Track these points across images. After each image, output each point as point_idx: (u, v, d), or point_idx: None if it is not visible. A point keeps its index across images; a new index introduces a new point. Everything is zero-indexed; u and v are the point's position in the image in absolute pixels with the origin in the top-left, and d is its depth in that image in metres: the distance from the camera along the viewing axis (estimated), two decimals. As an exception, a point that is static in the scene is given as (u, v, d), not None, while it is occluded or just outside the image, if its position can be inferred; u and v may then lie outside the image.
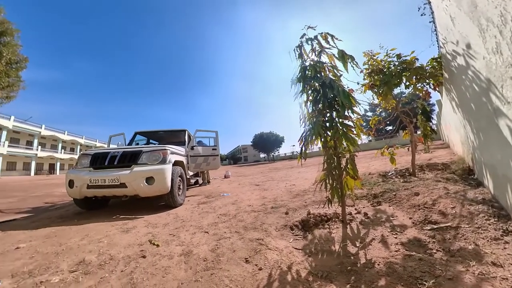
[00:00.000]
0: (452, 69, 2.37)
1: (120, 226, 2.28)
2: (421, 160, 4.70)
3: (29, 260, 1.54)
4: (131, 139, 5.07)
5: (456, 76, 2.30)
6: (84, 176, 2.81)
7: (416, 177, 3.14)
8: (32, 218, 3.00)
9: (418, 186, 2.51)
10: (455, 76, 2.35)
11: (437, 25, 2.94)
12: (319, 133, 1.72)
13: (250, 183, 5.76)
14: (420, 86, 3.01)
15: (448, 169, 3.41)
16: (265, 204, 2.84)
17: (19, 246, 1.82)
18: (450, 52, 2.31)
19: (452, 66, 2.32)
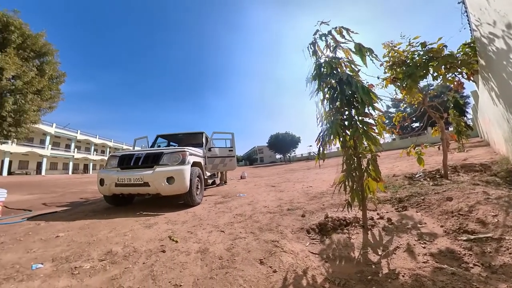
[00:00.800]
0: (490, 54, 2.10)
1: (143, 221, 2.43)
2: (454, 161, 4.27)
3: (66, 248, 1.73)
4: (153, 141, 5.40)
5: (495, 62, 2.04)
6: (112, 175, 3.07)
7: (448, 179, 2.85)
8: (69, 211, 3.37)
9: (451, 190, 2.27)
10: (493, 62, 2.08)
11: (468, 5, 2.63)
12: (337, 132, 1.64)
13: (266, 184, 5.74)
14: (450, 76, 2.69)
15: (488, 171, 3.04)
16: (281, 206, 2.81)
17: (59, 235, 2.06)
18: (485, 35, 2.05)
19: (490, 51, 2.06)
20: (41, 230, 2.28)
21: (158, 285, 1.17)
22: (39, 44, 9.37)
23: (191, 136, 5.57)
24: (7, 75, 7.85)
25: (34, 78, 8.89)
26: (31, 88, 8.82)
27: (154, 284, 1.18)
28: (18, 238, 2.02)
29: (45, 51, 9.73)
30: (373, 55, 1.68)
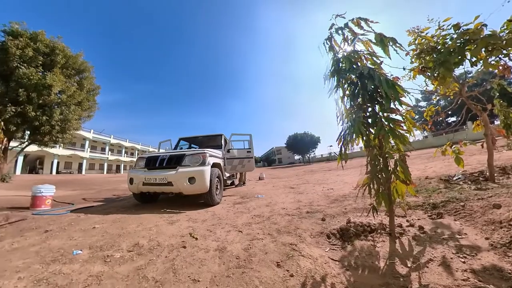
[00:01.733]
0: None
1: (167, 218, 2.58)
2: (503, 160, 3.72)
3: (101, 238, 1.93)
4: (176, 144, 5.71)
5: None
6: (140, 175, 3.33)
7: (495, 183, 2.47)
8: (104, 206, 3.74)
9: (499, 195, 1.97)
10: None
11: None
12: (360, 131, 1.52)
13: (285, 185, 5.66)
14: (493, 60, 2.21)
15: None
16: (300, 208, 2.74)
17: (95, 226, 2.30)
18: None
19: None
20: (81, 221, 2.57)
21: (178, 279, 1.22)
22: (78, 63, 11.16)
23: (211, 138, 5.76)
24: (55, 91, 9.51)
25: (75, 92, 10.65)
26: (73, 100, 10.61)
27: (175, 277, 1.24)
28: (63, 227, 2.31)
29: (83, 68, 11.52)
30: (396, 44, 1.52)
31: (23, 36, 9.21)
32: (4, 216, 2.80)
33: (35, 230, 2.26)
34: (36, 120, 9.33)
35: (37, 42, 9.46)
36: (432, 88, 2.82)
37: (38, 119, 9.38)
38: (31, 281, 1.24)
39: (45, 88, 9.10)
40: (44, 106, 9.59)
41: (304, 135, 39.73)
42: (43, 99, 9.22)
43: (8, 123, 8.55)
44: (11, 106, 8.55)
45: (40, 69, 9.43)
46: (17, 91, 8.63)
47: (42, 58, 9.46)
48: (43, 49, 9.54)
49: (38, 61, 9.29)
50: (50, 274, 1.31)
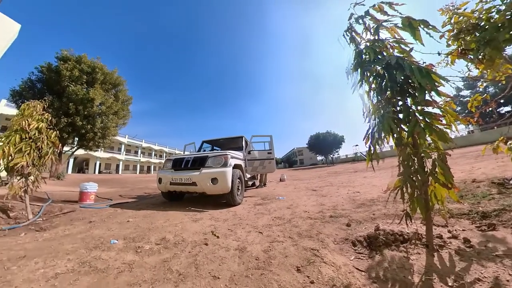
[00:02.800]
0: None
1: (191, 216, 2.72)
2: None
3: (134, 231, 2.13)
4: (199, 146, 5.99)
5: None
6: (168, 175, 3.57)
7: None
8: (136, 203, 4.11)
9: None
10: None
11: None
12: (390, 127, 1.37)
13: (307, 187, 5.49)
14: None
15: None
16: (322, 212, 2.63)
17: (129, 220, 2.56)
18: None
19: None
20: (118, 215, 2.87)
21: (199, 274, 1.27)
22: (114, 78, 13.38)
23: (232, 141, 5.89)
24: (96, 103, 11.66)
25: (113, 103, 12.78)
26: (111, 111, 12.80)
27: (196, 272, 1.30)
28: (103, 219, 2.61)
29: (118, 83, 13.73)
30: (428, 26, 1.33)
31: (71, 60, 11.50)
32: (59, 208, 3.33)
33: (81, 221, 2.61)
34: (82, 128, 11.49)
35: (81, 63, 11.68)
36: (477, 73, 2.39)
37: (84, 128, 11.52)
38: (77, 263, 1.43)
39: (89, 101, 11.21)
40: (88, 116, 11.71)
41: (326, 135, 37.56)
42: (88, 110, 11.34)
43: (62, 132, 10.56)
44: (64, 117, 10.74)
45: (85, 85, 11.68)
46: (68, 105, 10.82)
47: (85, 76, 11.69)
48: (86, 69, 11.73)
49: (83, 80, 11.52)
50: (92, 258, 1.49)
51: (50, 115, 3.10)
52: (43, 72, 11.28)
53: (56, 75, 10.97)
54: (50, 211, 3.09)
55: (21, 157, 2.60)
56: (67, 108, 10.81)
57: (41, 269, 1.34)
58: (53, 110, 10.22)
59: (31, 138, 2.76)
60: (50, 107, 9.44)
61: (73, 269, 1.34)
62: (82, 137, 12.10)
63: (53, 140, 2.99)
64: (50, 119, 3.07)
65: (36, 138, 2.79)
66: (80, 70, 11.44)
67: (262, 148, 5.67)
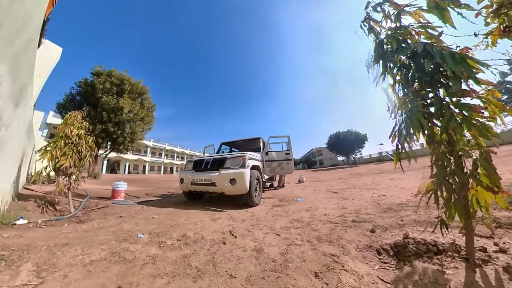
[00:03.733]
0: None
1: (210, 215, 2.82)
2: None
3: (158, 226, 2.28)
4: (218, 148, 6.17)
5: None
6: (189, 176, 3.75)
7: None
8: (160, 201, 4.39)
9: None
10: None
11: None
12: (420, 123, 1.23)
13: (327, 189, 5.30)
14: None
15: None
16: (344, 216, 2.50)
17: (154, 216, 2.74)
18: None
19: None
20: (144, 211, 3.09)
21: (217, 271, 1.31)
22: (139, 87, 14.89)
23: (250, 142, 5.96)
24: (125, 111, 13.20)
25: (139, 110, 14.32)
26: (138, 117, 14.33)
27: (214, 269, 1.33)
28: (132, 215, 2.84)
29: (143, 92, 15.29)
30: (460, 5, 1.17)
31: (103, 74, 13.18)
32: (95, 203, 3.75)
33: (113, 215, 2.87)
34: (114, 134, 13.06)
35: (112, 77, 13.33)
36: (526, 54, 2.02)
37: (115, 133, 13.09)
38: (108, 252, 1.58)
39: (119, 109, 12.80)
40: (119, 123, 13.30)
41: (347, 134, 35.16)
42: (118, 118, 12.95)
43: (97, 137, 12.01)
44: (99, 125, 12.34)
45: (115, 96, 13.23)
46: (102, 114, 12.42)
47: (115, 88, 13.29)
48: (115, 82, 13.35)
49: (113, 91, 13.12)
50: (121, 249, 1.63)
51: (87, 123, 3.60)
52: (81, 87, 12.95)
53: (92, 88, 12.60)
54: (87, 206, 3.48)
55: (65, 159, 3.05)
56: (101, 117, 12.38)
57: (79, 255, 1.51)
58: (90, 119, 11.71)
59: (73, 143, 3.23)
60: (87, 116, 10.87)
61: (105, 257, 1.48)
62: (114, 141, 13.65)
63: (90, 145, 3.46)
64: (87, 127, 3.57)
65: (76, 143, 3.26)
66: (111, 83, 13.00)
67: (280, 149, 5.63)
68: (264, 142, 5.76)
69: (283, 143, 5.72)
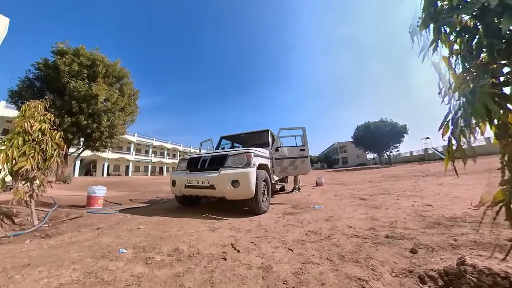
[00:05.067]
0: None
1: (208, 224, 2.88)
2: None
3: (144, 239, 2.34)
4: (217, 143, 6.24)
5: None
6: (182, 177, 3.82)
7: None
8: (148, 208, 4.51)
9: None
10: None
11: None
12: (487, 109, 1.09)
13: (352, 195, 5.28)
14: None
15: None
16: (374, 229, 2.48)
17: (139, 227, 2.82)
18: None
19: None
20: (128, 221, 3.18)
21: (216, 293, 1.34)
22: (117, 70, 14.59)
23: (256, 136, 5.99)
24: (101, 100, 12.96)
25: (118, 98, 14.06)
26: (117, 107, 14.13)
27: (213, 291, 1.36)
28: (112, 226, 2.93)
29: (122, 75, 14.98)
30: None
31: (68, 53, 12.73)
32: (66, 213, 3.85)
33: (89, 227, 2.97)
34: (88, 128, 12.96)
35: (80, 56, 12.94)
36: None
37: (90, 127, 12.98)
38: (82, 273, 1.62)
39: (92, 98, 12.58)
40: (93, 114, 13.18)
41: (380, 124, 33.60)
42: (92, 108, 12.77)
43: (66, 132, 11.87)
44: (67, 117, 12.15)
45: (86, 81, 12.95)
46: (71, 103, 12.22)
47: (86, 70, 12.95)
48: (85, 62, 13.00)
49: (83, 74, 12.80)
50: (99, 268, 1.68)
51: (52, 115, 3.54)
52: (40, 69, 12.47)
53: (55, 71, 12.17)
54: (56, 217, 3.58)
55: (25, 160, 2.96)
56: (70, 107, 12.19)
57: (45, 278, 1.55)
58: (55, 110, 11.37)
59: (35, 140, 3.14)
60: (51, 106, 10.74)
61: (78, 279, 1.53)
62: (88, 137, 13.71)
63: (58, 142, 3.41)
64: (53, 120, 3.49)
65: (39, 140, 3.17)
66: (79, 64, 12.62)
67: (293, 144, 5.62)
68: (274, 135, 5.76)
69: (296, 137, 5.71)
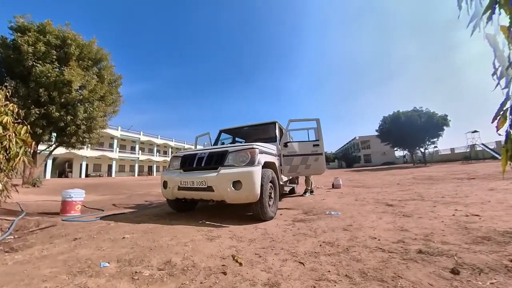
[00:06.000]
0: None
1: (205, 232, 2.93)
2: None
3: (130, 250, 2.37)
4: (216, 137, 6.33)
5: None
6: (175, 178, 3.87)
7: None
8: (135, 214, 4.59)
9: None
10: None
11: None
12: None
13: (376, 199, 5.29)
14: None
15: None
16: (404, 242, 2.43)
17: (125, 236, 2.87)
18: None
19: None
20: (111, 230, 3.23)
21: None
22: (93, 51, 13.99)
23: (261, 129, 6.05)
24: (75, 87, 12.31)
25: (96, 85, 13.61)
26: (96, 95, 13.62)
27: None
28: (92, 236, 2.97)
29: (99, 57, 14.49)
30: None
31: (31, 30, 12.02)
32: (35, 222, 3.85)
33: (64, 237, 3.00)
34: (61, 120, 12.49)
35: (46, 34, 12.24)
36: None
37: (63, 119, 12.51)
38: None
39: (64, 85, 11.96)
40: (67, 105, 12.73)
41: (413, 114, 32.53)
42: (65, 97, 12.19)
43: (34, 126, 11.38)
44: (35, 108, 11.52)
45: (56, 64, 12.37)
46: (38, 91, 11.61)
47: (55, 52, 12.31)
48: (54, 42, 12.34)
49: (52, 56, 12.15)
50: (75, 287, 1.69)
51: (15, 105, 3.43)
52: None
53: (15, 52, 11.59)
54: (23, 227, 3.59)
55: None
56: (37, 96, 11.63)
57: None
58: (19, 99, 11.02)
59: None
60: (14, 95, 10.35)
61: None
62: (61, 131, 13.31)
63: (24, 138, 3.33)
64: (16, 111, 3.41)
65: (1, 136, 3.09)
66: (46, 44, 11.99)
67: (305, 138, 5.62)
68: (282, 128, 5.79)
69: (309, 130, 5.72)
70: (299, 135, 6.05)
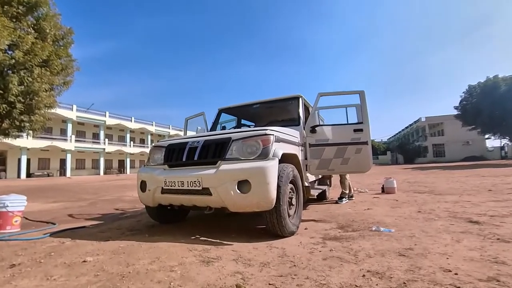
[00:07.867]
0: None
1: (200, 252, 2.97)
2: None
3: (94, 279, 2.39)
4: (214, 119, 6.42)
5: None
6: (158, 177, 3.94)
7: None
8: (101, 227, 4.70)
9: None
10: None
11: None
12: None
13: (453, 213, 5.23)
14: None
15: None
16: (499, 281, 2.27)
17: (86, 259, 2.89)
18: None
19: None
20: (66, 251, 3.30)
21: None
22: None
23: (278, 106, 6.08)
24: (2, 46, 10.95)
25: (35, 43, 12.53)
26: (35, 59, 12.41)
27: None
28: (38, 260, 3.00)
29: (36, 1, 13.23)
30: None
31: None
32: None
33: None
34: None
35: None
36: None
37: None
38: None
39: None
40: None
41: None
42: None
43: None
44: None
45: None
46: None
47: None
48: None
49: None
50: None
51: None
52: None
53: None
54: None
55: None
56: None
57: None
58: None
59: None
60: None
61: None
62: None
63: None
64: None
65: None
66: None
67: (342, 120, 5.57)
68: (308, 106, 5.80)
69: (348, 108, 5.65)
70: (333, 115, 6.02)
